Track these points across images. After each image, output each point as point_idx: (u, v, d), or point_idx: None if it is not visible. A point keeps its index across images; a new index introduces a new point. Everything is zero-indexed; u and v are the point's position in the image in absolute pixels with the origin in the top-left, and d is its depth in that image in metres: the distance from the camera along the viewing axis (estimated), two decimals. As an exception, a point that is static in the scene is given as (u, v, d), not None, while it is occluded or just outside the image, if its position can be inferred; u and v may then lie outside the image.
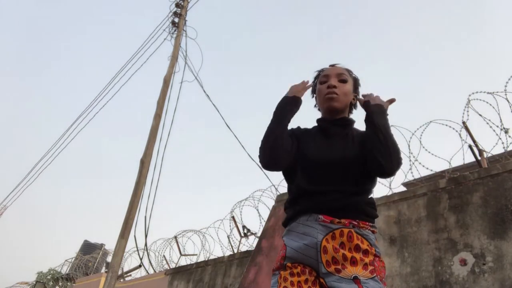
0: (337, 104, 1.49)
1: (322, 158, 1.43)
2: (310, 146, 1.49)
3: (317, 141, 1.51)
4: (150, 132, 6.93)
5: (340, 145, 1.46)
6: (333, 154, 1.43)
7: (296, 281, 1.26)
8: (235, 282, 5.77)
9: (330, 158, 1.42)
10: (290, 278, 1.28)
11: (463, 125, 4.20)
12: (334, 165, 1.40)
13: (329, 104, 1.50)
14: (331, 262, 1.25)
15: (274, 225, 4.98)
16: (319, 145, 1.49)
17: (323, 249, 1.27)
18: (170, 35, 8.73)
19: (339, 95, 1.50)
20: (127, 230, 5.89)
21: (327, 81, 1.53)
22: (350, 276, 1.21)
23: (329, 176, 1.39)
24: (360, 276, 1.21)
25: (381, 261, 1.30)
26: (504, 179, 3.34)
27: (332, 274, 1.23)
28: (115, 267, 5.69)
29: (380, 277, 1.24)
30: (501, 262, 3.03)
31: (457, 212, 3.49)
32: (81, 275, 11.91)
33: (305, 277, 1.27)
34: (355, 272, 1.22)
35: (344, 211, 1.33)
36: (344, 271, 1.22)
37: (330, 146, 1.47)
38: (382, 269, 1.29)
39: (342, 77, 1.54)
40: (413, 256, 3.57)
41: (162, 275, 7.53)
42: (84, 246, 15.49)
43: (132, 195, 6.25)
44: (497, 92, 3.92)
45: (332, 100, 1.49)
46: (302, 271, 1.28)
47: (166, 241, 8.16)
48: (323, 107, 1.54)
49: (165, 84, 7.61)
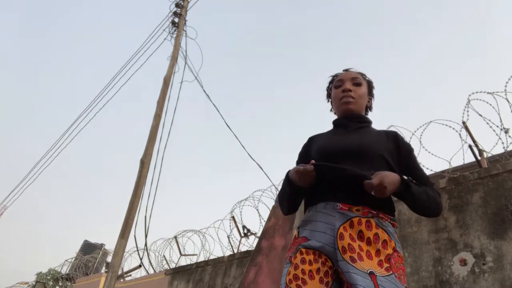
0: (354, 107, 1.53)
1: (336, 146, 1.43)
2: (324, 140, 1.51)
3: (332, 136, 1.53)
4: (150, 132, 6.94)
5: (356, 136, 1.47)
6: (349, 142, 1.43)
7: (308, 269, 1.20)
8: (235, 282, 5.77)
9: (345, 146, 1.42)
10: (301, 265, 1.22)
11: (463, 125, 4.20)
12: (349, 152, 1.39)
13: (345, 107, 1.53)
14: (347, 249, 1.19)
15: (274, 225, 4.98)
16: (335, 138, 1.50)
17: (340, 236, 1.22)
18: (170, 35, 8.74)
19: (355, 98, 1.53)
20: (127, 230, 5.89)
21: (342, 85, 1.56)
22: (366, 270, 1.14)
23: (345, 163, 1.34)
24: (376, 272, 1.15)
25: (399, 257, 1.23)
26: (504, 179, 3.34)
27: (347, 263, 1.17)
28: (115, 267, 5.69)
29: (398, 275, 1.18)
30: (501, 262, 3.03)
31: (457, 212, 3.49)
32: (81, 275, 11.90)
33: (317, 266, 1.21)
34: (371, 267, 1.16)
35: (361, 197, 1.28)
36: (360, 263, 1.16)
37: (346, 137, 1.47)
38: (400, 265, 1.22)
39: (357, 80, 1.56)
40: (413, 256, 3.57)
41: (162, 275, 7.53)
42: (84, 246, 15.48)
43: (132, 195, 6.25)
44: (497, 92, 3.92)
45: (348, 104, 1.53)
46: (315, 259, 1.22)
47: (166, 241, 8.16)
48: (340, 110, 1.56)
49: (165, 84, 7.61)
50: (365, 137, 1.44)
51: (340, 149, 1.41)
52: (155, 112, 7.19)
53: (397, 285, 1.14)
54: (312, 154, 1.50)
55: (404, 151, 1.44)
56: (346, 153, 1.39)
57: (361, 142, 1.41)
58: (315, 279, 1.18)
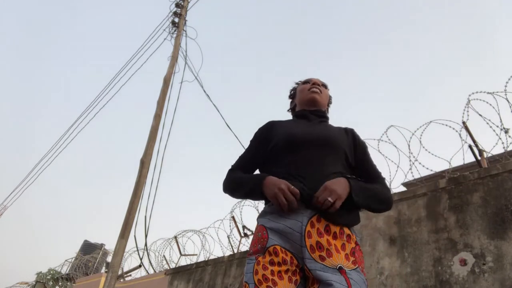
0: (320, 99, 1.65)
1: (304, 135, 1.48)
2: (290, 127, 1.54)
3: (295, 124, 1.57)
4: (150, 132, 6.93)
5: (320, 128, 1.55)
6: (316, 132, 1.50)
7: (277, 270, 1.20)
8: (235, 282, 5.77)
9: (313, 135, 1.48)
10: (270, 267, 1.21)
11: (463, 125, 4.20)
12: (317, 141, 1.45)
13: (313, 96, 1.64)
14: (315, 248, 1.21)
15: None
16: (300, 126, 1.55)
17: (307, 234, 1.23)
18: (170, 35, 8.74)
19: (322, 93, 1.67)
20: (127, 230, 5.89)
21: (311, 83, 1.70)
22: (336, 266, 1.18)
23: (313, 156, 1.41)
24: (345, 266, 1.19)
25: (360, 250, 1.30)
26: (504, 179, 3.34)
27: (315, 261, 1.19)
28: (115, 267, 5.69)
29: (361, 268, 1.24)
30: (501, 262, 3.03)
31: (457, 212, 3.49)
32: (81, 275, 11.90)
33: (286, 267, 1.21)
34: (340, 262, 1.19)
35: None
36: (329, 260, 1.19)
37: (311, 128, 1.53)
38: (362, 259, 1.28)
39: (324, 84, 1.75)
40: (413, 256, 3.57)
41: (162, 275, 7.53)
42: (84, 246, 15.47)
43: (132, 195, 6.25)
44: (497, 92, 3.92)
45: (316, 94, 1.65)
46: (283, 260, 1.22)
47: (166, 241, 8.16)
48: (307, 99, 1.65)
49: (165, 84, 7.61)
50: (329, 130, 1.54)
51: (308, 138, 1.47)
52: (155, 112, 7.18)
53: (362, 278, 1.20)
54: (274, 139, 1.51)
55: (360, 148, 1.56)
56: (314, 142, 1.45)
57: (328, 134, 1.50)
58: (284, 279, 1.19)
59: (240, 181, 1.49)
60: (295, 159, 1.41)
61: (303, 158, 1.40)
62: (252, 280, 1.21)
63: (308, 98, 1.64)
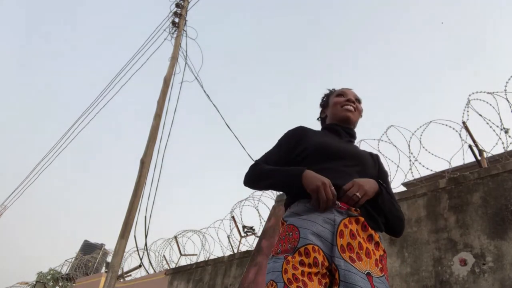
0: (353, 117, 1.65)
1: (339, 148, 1.50)
2: (323, 138, 1.56)
3: (328, 137, 1.59)
4: (150, 132, 6.94)
5: (352, 146, 1.58)
6: (349, 150, 1.53)
7: (307, 272, 1.17)
8: (235, 282, 5.77)
9: (347, 150, 1.51)
10: (300, 267, 1.18)
11: (463, 125, 4.20)
12: (352, 157, 1.48)
13: (346, 114, 1.64)
14: (345, 248, 1.22)
15: (274, 225, 4.98)
16: (332, 139, 1.57)
17: (340, 233, 1.24)
18: (170, 35, 8.74)
19: (356, 111, 1.67)
20: (127, 230, 5.89)
21: (346, 97, 1.68)
22: (364, 271, 1.18)
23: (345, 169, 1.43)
24: (373, 273, 1.19)
25: (386, 259, 1.32)
26: (504, 179, 3.34)
27: (345, 261, 1.19)
28: (115, 267, 5.69)
29: (386, 276, 1.25)
30: (501, 262, 3.03)
31: (457, 212, 3.49)
32: (81, 275, 11.91)
33: (317, 270, 1.19)
34: (368, 268, 1.20)
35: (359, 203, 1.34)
36: (359, 263, 1.19)
37: (344, 143, 1.57)
38: (387, 268, 1.30)
39: (358, 98, 1.72)
40: (413, 256, 3.57)
41: (162, 275, 7.53)
42: (84, 246, 15.47)
43: (132, 195, 6.25)
44: (497, 92, 3.92)
45: (350, 112, 1.64)
46: (314, 262, 1.19)
47: (166, 241, 8.16)
48: (339, 115, 1.65)
49: (165, 84, 7.62)
50: (360, 151, 1.57)
51: (342, 152, 1.49)
52: (155, 112, 7.19)
53: (387, 286, 1.21)
54: (305, 146, 1.52)
55: (382, 174, 1.58)
56: (348, 158, 1.47)
57: (360, 154, 1.54)
58: (314, 281, 1.17)
59: (271, 171, 1.45)
60: (327, 167, 1.41)
61: (335, 169, 1.41)
62: (281, 279, 1.17)
63: (342, 116, 1.64)
